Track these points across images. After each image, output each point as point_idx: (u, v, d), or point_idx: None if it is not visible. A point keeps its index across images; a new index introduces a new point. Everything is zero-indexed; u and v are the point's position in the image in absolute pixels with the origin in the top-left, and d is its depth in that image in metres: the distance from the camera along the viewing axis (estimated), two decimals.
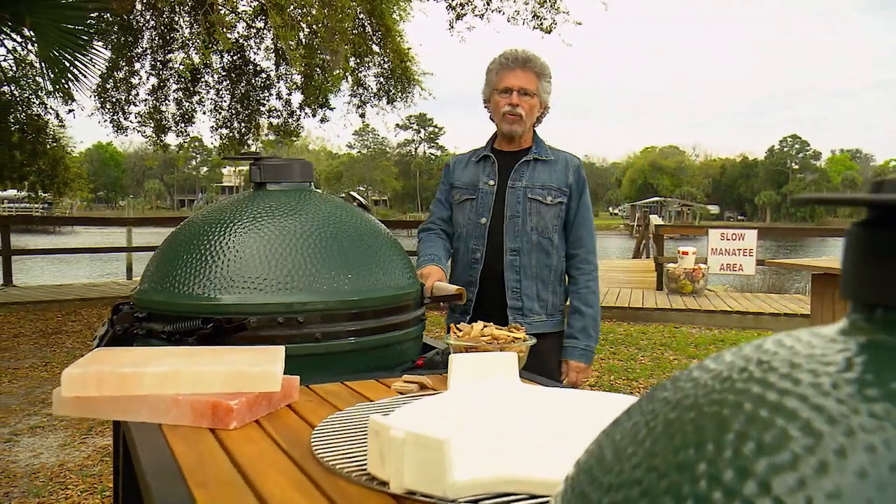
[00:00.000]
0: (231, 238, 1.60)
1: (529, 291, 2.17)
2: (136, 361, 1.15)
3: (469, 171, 2.29)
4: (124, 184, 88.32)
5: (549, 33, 8.91)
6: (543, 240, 2.18)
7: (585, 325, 2.20)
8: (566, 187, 2.21)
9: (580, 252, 2.22)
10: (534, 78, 2.17)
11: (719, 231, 9.77)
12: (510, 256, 2.17)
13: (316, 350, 1.55)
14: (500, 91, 2.19)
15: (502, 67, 2.18)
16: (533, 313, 2.18)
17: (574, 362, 2.19)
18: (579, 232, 2.22)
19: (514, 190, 2.19)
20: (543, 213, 2.17)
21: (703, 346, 6.63)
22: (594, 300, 2.22)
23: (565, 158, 2.25)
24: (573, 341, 2.20)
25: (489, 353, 1.32)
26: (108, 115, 11.29)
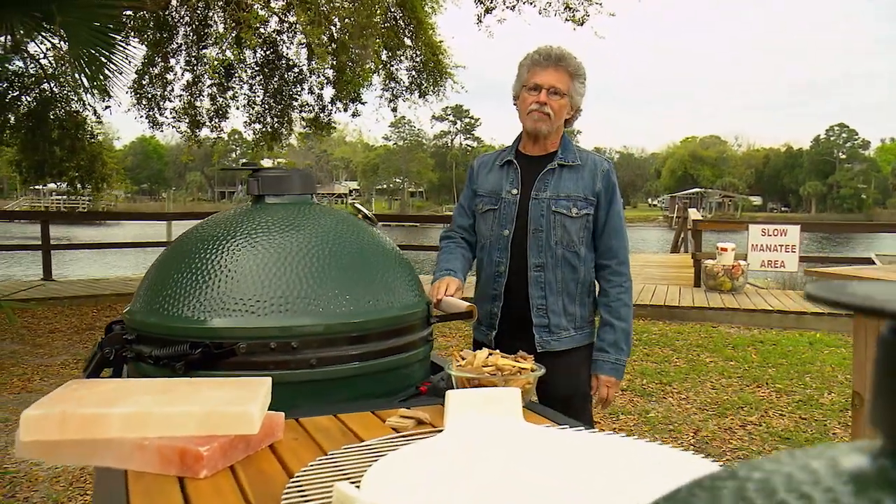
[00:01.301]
0: (224, 256, 1.52)
1: (556, 307, 2.06)
2: (103, 400, 1.07)
3: (493, 176, 2.17)
4: (166, 176, 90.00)
5: (581, 25, 8.71)
6: (569, 254, 2.06)
7: (616, 338, 2.07)
8: (593, 195, 2.07)
9: (611, 263, 2.10)
10: (566, 77, 2.05)
11: (760, 226, 9.47)
12: (535, 273, 2.06)
13: (311, 377, 1.46)
14: (529, 88, 2.06)
15: (534, 64, 2.06)
16: (560, 329, 2.07)
17: (605, 377, 2.08)
18: (609, 242, 2.09)
19: (538, 202, 2.06)
20: (568, 226, 2.05)
21: (741, 348, 6.41)
22: (626, 313, 2.10)
23: (594, 162, 2.11)
24: (603, 355, 2.08)
25: (489, 390, 1.21)
26: (144, 111, 11.42)
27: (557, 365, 2.02)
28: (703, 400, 4.83)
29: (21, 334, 6.62)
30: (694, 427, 4.26)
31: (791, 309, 7.80)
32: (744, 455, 3.82)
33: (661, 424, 4.29)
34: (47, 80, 10.90)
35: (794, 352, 6.26)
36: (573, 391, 2.07)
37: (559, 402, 2.06)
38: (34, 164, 11.13)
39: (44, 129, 10.96)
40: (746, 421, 4.39)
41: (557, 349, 2.05)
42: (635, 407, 4.65)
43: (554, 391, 2.05)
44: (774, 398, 4.88)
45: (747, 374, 5.49)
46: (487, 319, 2.14)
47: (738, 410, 4.59)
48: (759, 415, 4.51)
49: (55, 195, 52.34)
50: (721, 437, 4.09)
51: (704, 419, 4.42)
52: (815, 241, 31.56)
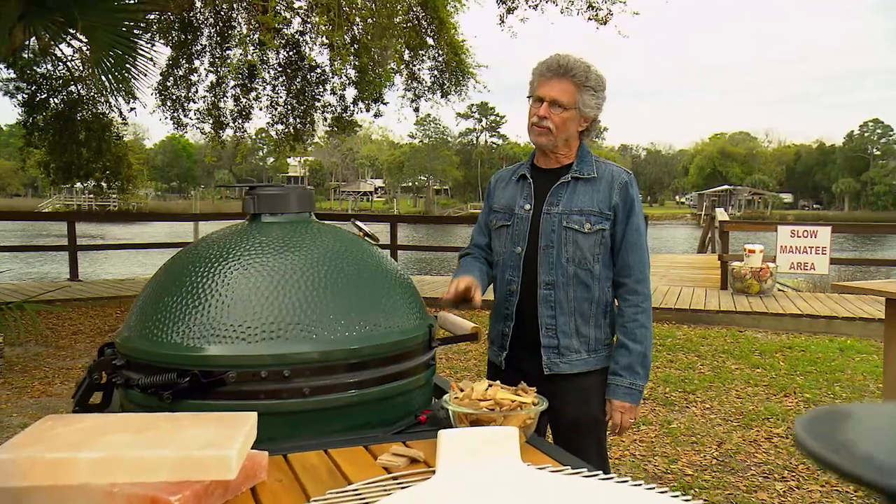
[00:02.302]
0: (216, 279, 1.47)
1: (566, 328, 1.96)
2: (75, 441, 1.02)
3: (508, 191, 2.08)
4: (195, 174, 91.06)
5: (604, 24, 8.56)
6: (581, 271, 1.95)
7: (631, 362, 1.95)
8: (609, 210, 1.96)
9: (627, 282, 1.98)
10: (571, 89, 1.92)
11: (789, 227, 9.25)
12: (544, 290, 1.96)
13: (304, 407, 1.40)
14: (533, 99, 1.97)
15: (539, 75, 1.97)
16: (571, 351, 1.96)
17: (618, 402, 1.96)
18: (626, 259, 1.98)
19: (549, 216, 1.96)
20: (581, 242, 1.94)
21: (768, 354, 6.24)
22: (643, 335, 1.97)
23: (611, 174, 1.99)
24: (617, 379, 1.97)
25: (484, 430, 1.14)
26: (169, 113, 11.51)
27: (567, 389, 1.95)
28: (727, 410, 4.70)
29: (44, 336, 6.69)
30: (717, 439, 4.14)
31: (821, 313, 7.60)
32: (769, 470, 3.70)
33: (683, 436, 4.18)
34: (74, 82, 11.04)
35: (824, 359, 6.09)
36: (583, 417, 1.98)
37: (568, 428, 1.99)
38: (62, 166, 11.30)
39: (71, 131, 11.11)
40: (773, 433, 4.25)
41: (567, 372, 1.96)
42: (657, 417, 4.54)
43: (563, 416, 1.97)
44: (802, 408, 4.74)
45: (774, 383, 5.34)
46: (499, 340, 2.06)
47: (764, 422, 4.46)
48: (785, 426, 4.37)
49: (88, 193, 53.28)
50: (745, 451, 3.97)
51: (729, 431, 4.29)
52: (850, 240, 30.82)
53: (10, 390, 5.05)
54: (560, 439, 2.02)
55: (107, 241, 20.46)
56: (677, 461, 3.80)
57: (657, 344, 6.54)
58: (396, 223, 11.03)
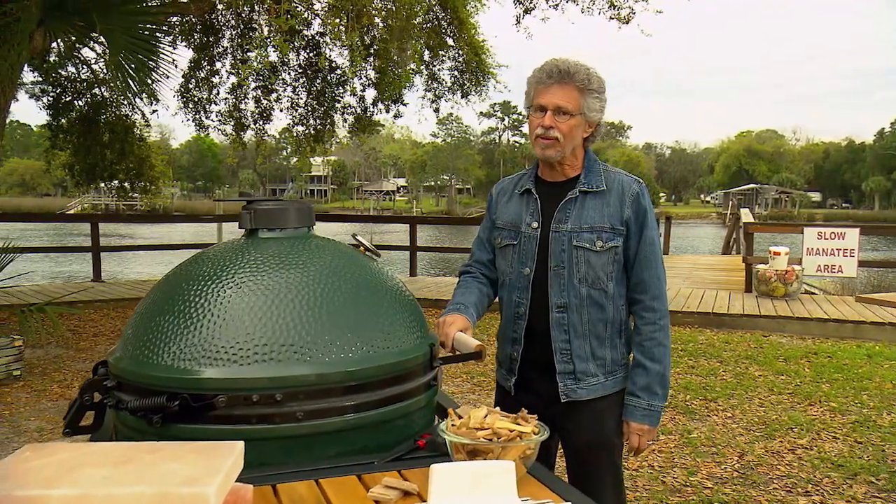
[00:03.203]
0: (208, 299, 1.43)
1: (582, 352, 1.85)
2: (50, 476, 0.98)
3: (512, 206, 1.96)
4: (220, 174, 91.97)
5: (626, 23, 8.43)
6: (595, 292, 1.84)
7: (650, 382, 1.86)
8: (622, 224, 1.85)
9: (643, 298, 1.88)
10: (574, 94, 1.80)
11: (816, 229, 9.06)
12: (556, 314, 1.85)
13: (297, 432, 1.36)
14: (534, 109, 1.85)
15: (538, 82, 1.84)
16: (588, 376, 1.86)
17: (636, 424, 1.87)
18: (642, 275, 1.87)
19: (558, 235, 1.85)
20: (593, 261, 1.83)
21: (793, 361, 6.10)
22: (661, 354, 1.87)
23: (621, 186, 1.87)
24: (635, 400, 1.87)
25: (478, 465, 1.09)
26: (191, 114, 11.58)
27: (583, 413, 1.87)
28: (749, 419, 4.59)
29: (65, 338, 6.75)
30: (739, 450, 4.04)
31: (848, 317, 7.42)
32: (792, 484, 3.59)
33: (703, 446, 4.08)
34: (98, 85, 11.15)
35: (851, 365, 5.93)
36: (598, 440, 1.89)
37: (582, 452, 1.90)
38: (86, 168, 11.41)
39: (95, 133, 11.22)
40: (796, 444, 4.14)
41: (585, 398, 1.86)
42: (677, 426, 4.44)
43: (577, 439, 1.89)
44: (828, 418, 4.61)
45: (799, 391, 5.21)
46: (507, 364, 1.96)
47: (788, 432, 4.34)
48: (810, 437, 4.25)
49: (113, 194, 53.91)
50: (768, 463, 3.86)
51: (751, 441, 4.19)
52: (882, 240, 30.14)
53: (28, 393, 5.09)
54: (573, 463, 1.94)
55: (133, 242, 20.74)
56: (697, 473, 3.71)
57: (678, 349, 6.42)
58: (416, 224, 10.99)
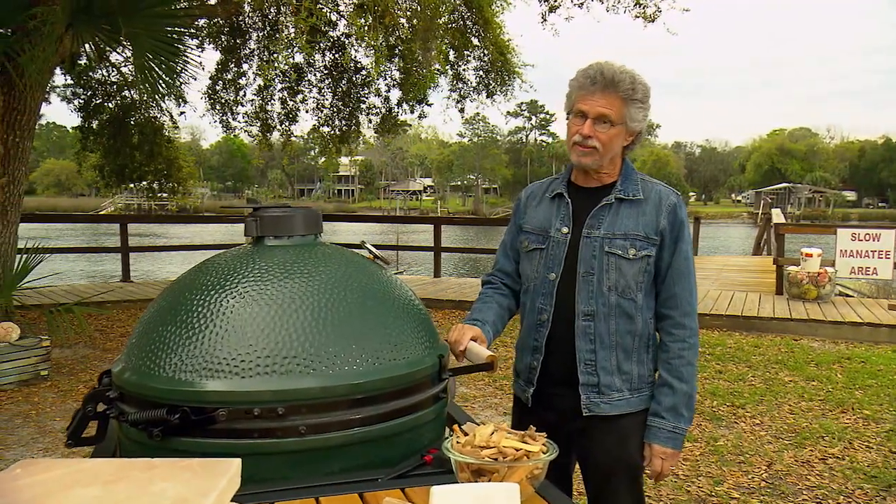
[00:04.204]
0: (211, 309, 1.40)
1: (607, 364, 1.77)
2: (37, 496, 0.96)
3: (542, 211, 1.89)
4: (249, 174, 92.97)
5: (652, 21, 8.30)
6: (625, 301, 1.77)
7: (676, 403, 1.77)
8: (656, 234, 1.77)
9: (673, 314, 1.79)
10: (618, 103, 1.72)
11: (850, 231, 8.83)
12: (583, 322, 1.77)
13: (300, 446, 1.32)
14: (574, 114, 1.77)
15: (580, 87, 1.75)
16: (612, 390, 1.78)
17: (659, 447, 1.78)
18: (673, 289, 1.79)
19: (590, 241, 1.78)
20: (624, 269, 1.76)
21: (824, 366, 5.94)
22: (689, 374, 1.78)
23: (658, 196, 1.80)
24: (659, 421, 1.78)
25: (481, 488, 1.04)
26: (218, 116, 11.69)
27: (605, 431, 1.79)
28: (779, 426, 4.47)
29: (93, 338, 6.83)
30: (767, 459, 3.93)
31: (883, 321, 7.22)
32: (823, 495, 3.48)
33: (730, 455, 3.98)
34: (128, 87, 11.30)
35: (886, 371, 5.76)
36: (621, 460, 1.81)
37: (603, 472, 1.82)
38: (115, 169, 11.58)
39: (124, 135, 11.38)
40: (827, 453, 4.02)
41: (608, 413, 1.78)
42: (703, 433, 4.34)
43: (597, 460, 1.82)
44: (861, 426, 4.47)
45: (831, 397, 5.07)
46: (526, 374, 1.88)
47: (819, 440, 4.22)
48: (842, 446, 4.12)
49: (142, 195, 54.81)
50: (797, 472, 3.75)
51: (780, 449, 4.07)
52: None
53: (55, 393, 5.15)
54: (592, 484, 1.87)
55: (166, 242, 21.01)
56: (723, 482, 3.61)
57: (704, 353, 6.29)
58: (440, 225, 10.96)
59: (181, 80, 6.61)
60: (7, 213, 6.79)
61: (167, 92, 6.37)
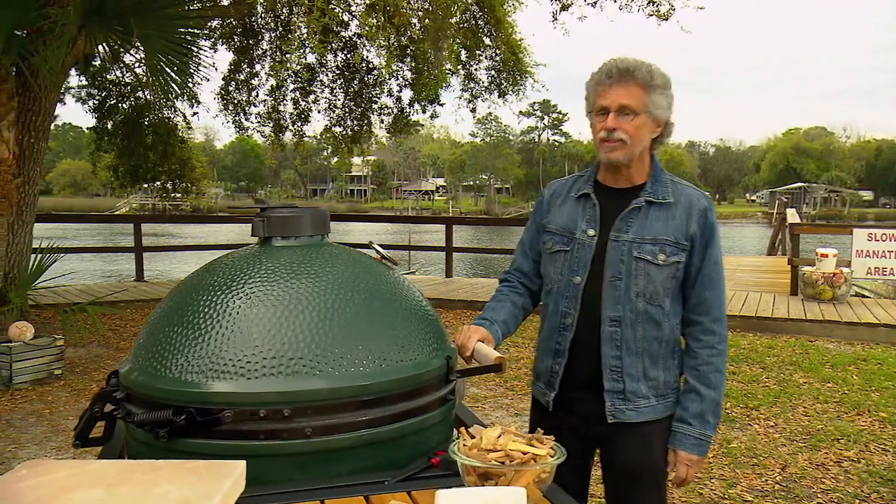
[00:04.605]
0: (217, 309, 1.39)
1: (633, 370, 1.74)
2: (41, 497, 0.96)
3: (566, 210, 1.84)
4: (263, 174, 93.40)
5: (666, 20, 8.25)
6: (652, 307, 1.73)
7: (703, 410, 1.74)
8: (686, 240, 1.73)
9: (703, 320, 1.76)
10: (638, 92, 1.68)
11: (866, 231, 8.75)
12: (609, 327, 1.73)
13: (306, 448, 1.31)
14: (596, 112, 1.73)
15: (597, 84, 1.72)
16: (638, 397, 1.74)
17: (685, 453, 1.75)
18: (704, 294, 1.75)
19: (618, 245, 1.73)
20: (653, 275, 1.72)
21: (840, 367, 5.87)
22: (718, 380, 1.75)
23: (689, 199, 1.76)
24: (686, 427, 1.74)
25: (487, 492, 1.03)
26: (231, 116, 11.74)
27: (630, 436, 1.76)
28: (793, 429, 4.42)
29: (107, 337, 6.88)
30: (781, 462, 3.89)
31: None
32: (838, 498, 3.44)
33: (743, 457, 3.94)
34: (141, 88, 11.37)
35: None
36: (645, 466, 1.79)
37: (627, 478, 1.80)
38: (129, 169, 11.65)
39: (138, 135, 11.45)
40: (843, 456, 3.97)
41: (634, 420, 1.75)
42: (716, 435, 4.29)
43: (622, 464, 1.80)
44: (877, 429, 4.41)
45: (846, 399, 5.01)
46: (547, 377, 1.84)
47: (834, 443, 4.17)
48: (857, 449, 4.07)
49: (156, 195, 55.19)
50: (812, 475, 3.71)
51: (794, 452, 4.03)
52: None
53: (69, 392, 5.19)
54: (614, 489, 1.85)
55: (181, 242, 21.16)
56: (736, 485, 3.58)
57: None
58: (451, 225, 10.94)
59: (194, 81, 6.66)
60: (22, 213, 6.85)
61: (180, 92, 6.39)
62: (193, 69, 6.43)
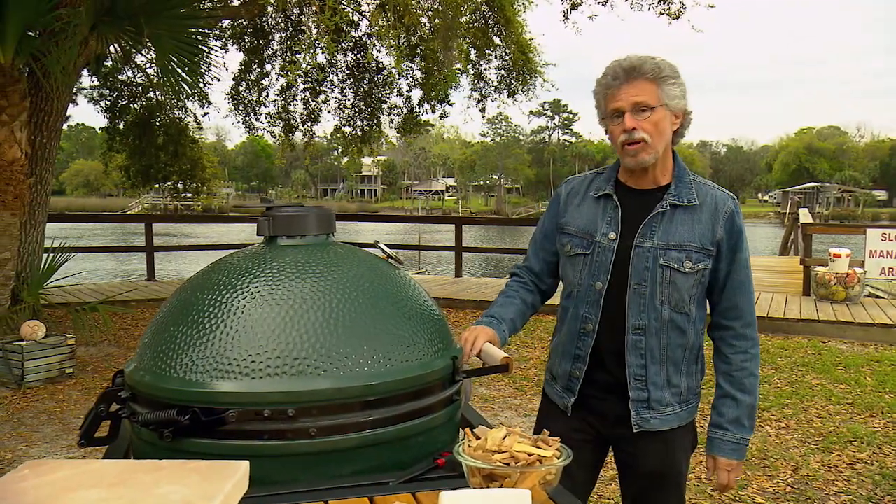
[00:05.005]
0: (222, 309, 1.39)
1: (658, 379, 1.71)
2: (41, 498, 0.95)
3: (585, 210, 1.77)
4: (273, 174, 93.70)
5: (676, 19, 8.20)
6: (678, 315, 1.69)
7: (740, 415, 1.72)
8: (712, 245, 1.68)
9: (735, 325, 1.72)
10: (649, 86, 1.62)
11: (880, 231, 8.66)
12: (633, 336, 1.70)
13: (310, 448, 1.30)
14: (610, 117, 1.67)
15: (606, 88, 1.67)
16: (662, 405, 1.72)
17: (725, 459, 1.73)
18: (735, 299, 1.72)
19: (642, 251, 1.68)
20: (679, 283, 1.67)
21: (853, 369, 5.82)
22: (752, 385, 1.73)
23: (714, 201, 1.69)
24: (723, 433, 1.73)
25: (491, 493, 1.01)
26: (241, 116, 11.78)
27: (652, 442, 1.75)
28: (805, 430, 4.38)
29: (118, 336, 6.91)
30: (793, 463, 3.85)
31: None
32: (850, 501, 3.40)
33: (754, 459, 3.91)
34: (153, 88, 11.43)
35: None
36: (668, 470, 1.78)
37: (650, 481, 1.79)
38: (141, 169, 11.71)
39: (150, 136, 11.51)
40: (856, 458, 3.92)
41: (658, 429, 1.73)
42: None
43: (643, 469, 1.78)
44: (891, 431, 4.36)
45: (859, 401, 4.96)
46: (565, 381, 1.81)
47: (847, 445, 4.13)
48: (871, 451, 4.03)
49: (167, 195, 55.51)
50: (824, 478, 3.67)
51: (806, 454, 3.99)
52: None
53: (80, 391, 5.22)
54: (637, 492, 1.84)
55: (195, 242, 21.27)
56: (747, 487, 3.54)
57: None
58: (461, 224, 10.93)
59: (204, 81, 6.68)
60: (34, 213, 6.90)
61: (190, 93, 6.42)
62: (204, 69, 6.46)
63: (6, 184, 5.50)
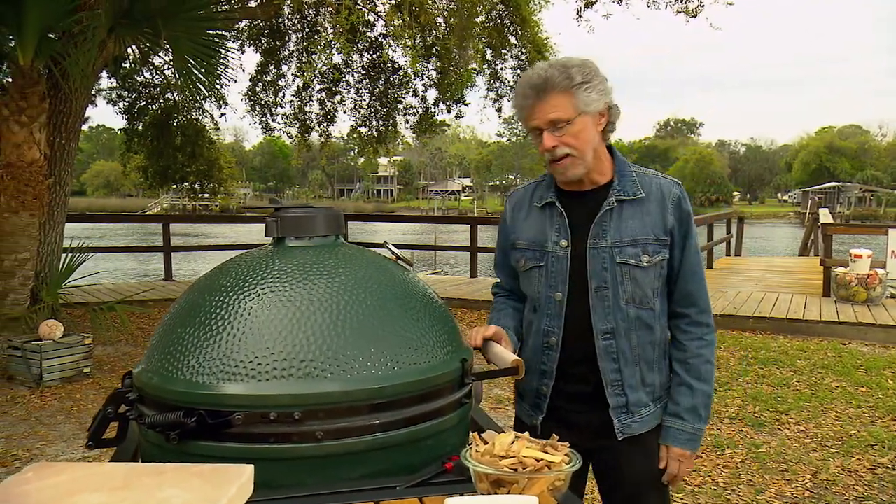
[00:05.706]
0: (229, 311, 1.38)
1: (633, 381, 1.69)
2: (46, 500, 0.95)
3: (532, 222, 1.74)
4: (290, 175, 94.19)
5: (694, 17, 8.12)
6: (644, 312, 1.67)
7: (696, 404, 1.69)
8: (666, 234, 1.66)
9: (690, 312, 1.71)
10: (562, 99, 1.57)
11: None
12: (603, 341, 1.67)
13: (317, 452, 1.29)
14: (532, 135, 1.64)
15: (520, 109, 1.62)
16: (639, 406, 1.70)
17: (678, 449, 1.70)
18: (688, 287, 1.70)
19: (598, 252, 1.65)
20: (640, 278, 1.65)
21: (874, 371, 5.73)
22: (708, 372, 1.70)
23: (660, 190, 1.67)
24: (678, 422, 1.70)
25: (497, 499, 0.99)
26: (258, 117, 11.84)
27: (632, 449, 1.72)
28: (825, 434, 4.31)
29: (135, 336, 6.96)
30: (812, 468, 3.79)
31: None
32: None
33: (772, 462, 3.85)
34: (171, 89, 11.52)
35: None
36: (650, 478, 1.74)
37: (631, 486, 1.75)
38: (159, 170, 11.82)
39: (168, 137, 11.61)
40: (876, 463, 3.86)
41: (639, 432, 1.71)
42: (744, 439, 4.21)
43: (623, 475, 1.75)
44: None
45: (880, 404, 4.87)
46: (532, 398, 1.78)
47: (868, 449, 4.06)
48: (892, 455, 3.96)
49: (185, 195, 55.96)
50: (844, 482, 3.61)
51: (825, 458, 3.93)
52: None
53: (97, 390, 5.26)
54: (621, 499, 1.79)
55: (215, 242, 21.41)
56: (765, 491, 3.49)
57: (747, 356, 6.13)
58: (476, 225, 10.91)
59: (221, 83, 6.72)
60: (53, 213, 6.97)
61: (207, 94, 6.45)
62: (221, 71, 6.50)
63: (25, 184, 5.57)
